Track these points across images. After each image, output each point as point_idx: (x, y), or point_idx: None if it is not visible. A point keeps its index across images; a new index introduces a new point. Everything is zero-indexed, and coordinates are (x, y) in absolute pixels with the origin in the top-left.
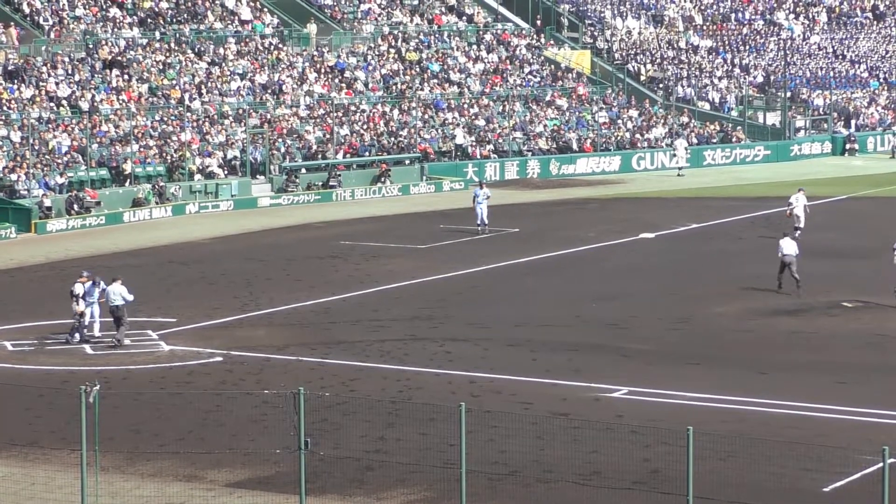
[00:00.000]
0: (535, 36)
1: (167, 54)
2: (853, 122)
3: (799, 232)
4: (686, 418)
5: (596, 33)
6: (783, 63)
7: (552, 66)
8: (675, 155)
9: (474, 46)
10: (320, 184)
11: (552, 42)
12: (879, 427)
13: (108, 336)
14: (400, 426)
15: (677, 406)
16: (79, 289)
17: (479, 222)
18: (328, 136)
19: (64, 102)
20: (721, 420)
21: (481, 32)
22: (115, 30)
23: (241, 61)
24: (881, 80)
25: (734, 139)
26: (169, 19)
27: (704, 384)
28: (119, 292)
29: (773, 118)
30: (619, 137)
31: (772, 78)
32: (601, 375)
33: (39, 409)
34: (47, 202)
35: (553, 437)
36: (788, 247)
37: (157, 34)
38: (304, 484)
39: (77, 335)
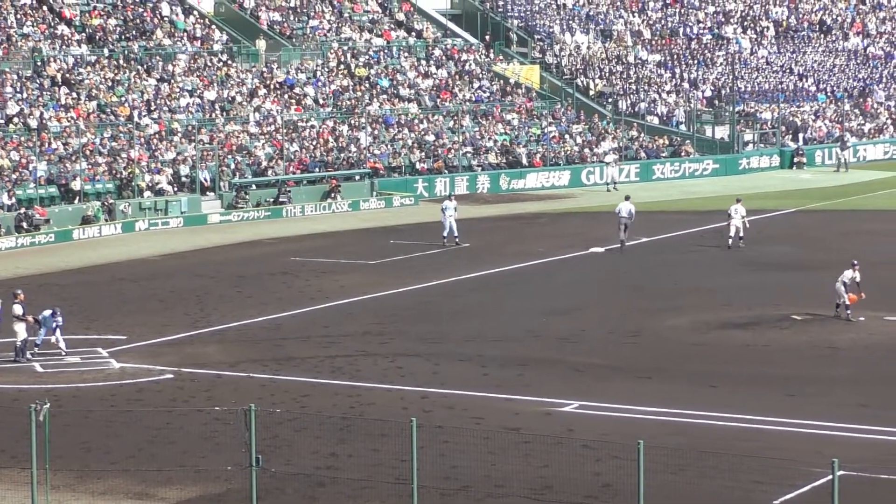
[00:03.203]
0: (484, 51)
1: (116, 71)
2: (801, 135)
3: (735, 241)
4: (637, 432)
5: (545, 48)
6: (731, 77)
7: (501, 81)
8: (608, 167)
9: (424, 62)
10: (270, 200)
11: (501, 57)
12: (829, 439)
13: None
14: (352, 442)
15: (628, 420)
16: (18, 309)
17: (445, 234)
18: (278, 152)
19: (14, 120)
20: (672, 433)
21: (430, 48)
22: (64, 47)
23: (191, 78)
24: (828, 94)
25: (683, 153)
26: (117, 36)
27: (655, 398)
28: None
29: (721, 132)
30: (568, 152)
31: (722, 92)
32: (552, 390)
33: None
34: None
35: (504, 452)
36: (625, 209)
37: (106, 51)
38: (256, 501)
39: (26, 353)
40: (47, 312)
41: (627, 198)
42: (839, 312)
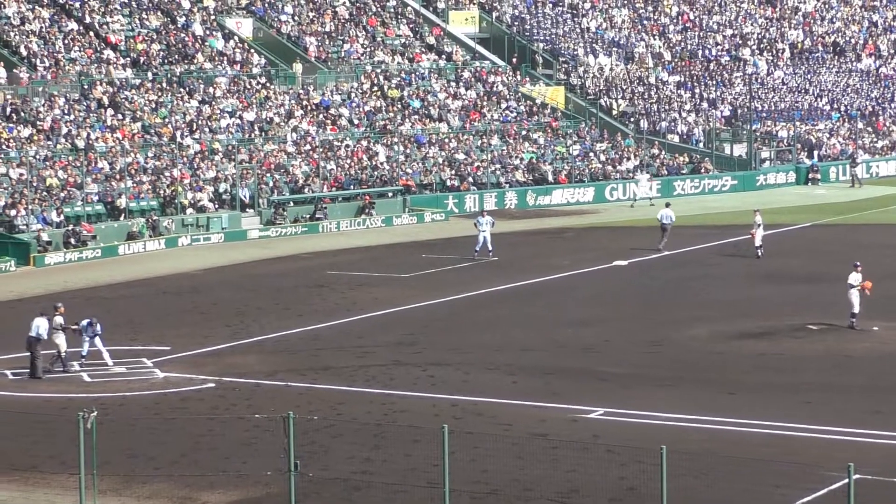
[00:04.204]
0: (511, 73)
1: (159, 94)
2: (816, 152)
3: (762, 249)
4: (660, 437)
5: (569, 70)
6: (749, 97)
7: (528, 102)
8: (638, 185)
9: (453, 83)
10: (307, 216)
11: (528, 79)
12: (845, 444)
13: (95, 363)
14: (385, 448)
15: (651, 426)
16: (59, 321)
17: (477, 248)
18: (314, 170)
19: (62, 140)
20: (693, 439)
21: (460, 70)
22: (109, 70)
23: (231, 100)
24: (841, 113)
25: (703, 170)
26: (160, 60)
27: (677, 405)
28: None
29: (739, 149)
30: (592, 169)
31: (739, 111)
32: (578, 397)
33: (39, 435)
34: (45, 236)
35: (532, 457)
36: (666, 215)
37: (150, 75)
38: None
39: (68, 363)
40: (84, 322)
41: (668, 205)
42: (853, 323)
